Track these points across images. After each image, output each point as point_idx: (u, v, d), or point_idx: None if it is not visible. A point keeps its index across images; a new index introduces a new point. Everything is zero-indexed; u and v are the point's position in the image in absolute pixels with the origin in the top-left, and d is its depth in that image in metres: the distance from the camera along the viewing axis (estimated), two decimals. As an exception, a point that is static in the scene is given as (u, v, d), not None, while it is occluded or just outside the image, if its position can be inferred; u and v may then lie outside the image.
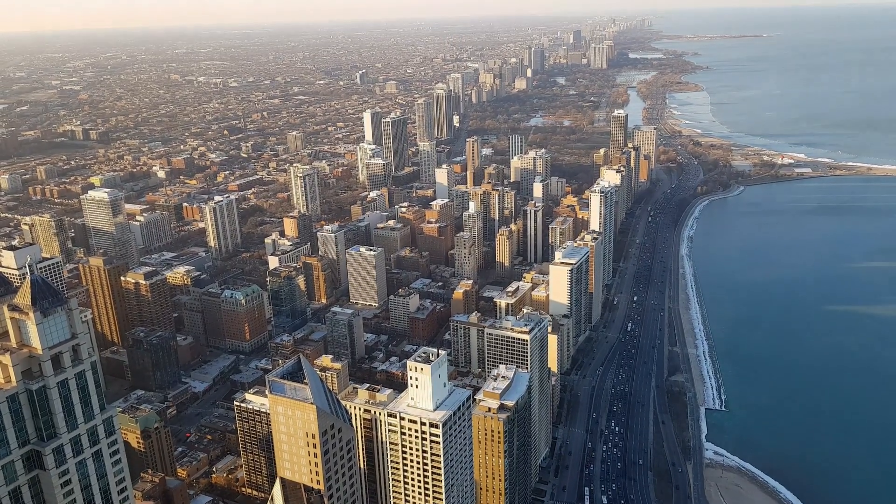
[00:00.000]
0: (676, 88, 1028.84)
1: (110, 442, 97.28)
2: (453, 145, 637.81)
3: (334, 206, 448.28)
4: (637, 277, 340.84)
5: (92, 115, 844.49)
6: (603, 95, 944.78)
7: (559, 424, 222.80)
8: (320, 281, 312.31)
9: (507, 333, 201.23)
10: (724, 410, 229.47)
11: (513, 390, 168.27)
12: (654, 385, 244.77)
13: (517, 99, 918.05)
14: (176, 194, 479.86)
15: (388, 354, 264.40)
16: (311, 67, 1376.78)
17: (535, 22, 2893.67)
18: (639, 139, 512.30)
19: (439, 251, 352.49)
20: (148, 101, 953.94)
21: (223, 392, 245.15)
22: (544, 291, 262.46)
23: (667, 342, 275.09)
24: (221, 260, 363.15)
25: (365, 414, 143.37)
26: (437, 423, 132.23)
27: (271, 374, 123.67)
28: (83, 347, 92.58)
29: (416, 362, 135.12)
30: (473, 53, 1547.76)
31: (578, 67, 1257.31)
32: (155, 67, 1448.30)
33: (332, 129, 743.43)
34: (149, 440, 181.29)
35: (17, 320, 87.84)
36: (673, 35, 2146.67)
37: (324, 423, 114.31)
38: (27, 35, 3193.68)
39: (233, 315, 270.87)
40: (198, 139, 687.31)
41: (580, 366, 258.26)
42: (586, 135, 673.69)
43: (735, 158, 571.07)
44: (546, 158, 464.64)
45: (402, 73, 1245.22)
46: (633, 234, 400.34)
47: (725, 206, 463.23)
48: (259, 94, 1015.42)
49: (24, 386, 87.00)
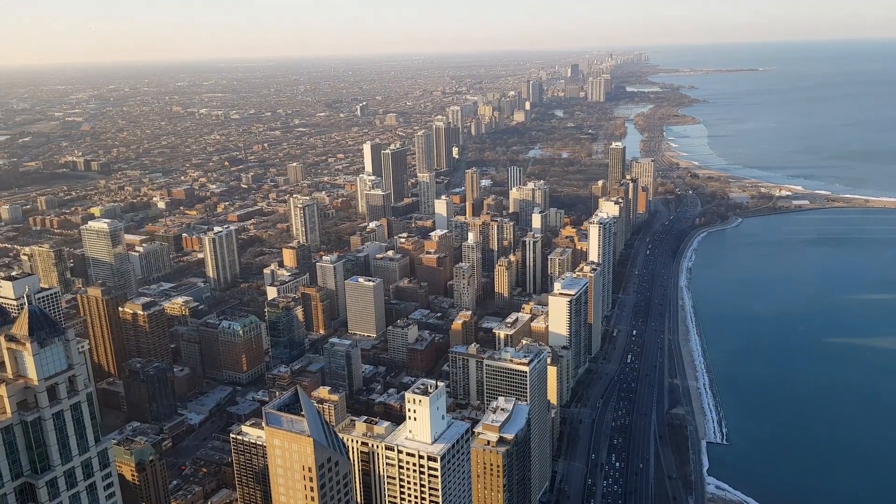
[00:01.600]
0: (673, 121, 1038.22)
1: (104, 475, 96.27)
2: (452, 176, 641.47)
3: (334, 236, 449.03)
4: (636, 309, 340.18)
5: (94, 147, 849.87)
6: (601, 128, 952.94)
7: (559, 458, 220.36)
8: (319, 311, 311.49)
9: (507, 365, 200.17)
10: (725, 444, 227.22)
11: (512, 423, 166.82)
12: (654, 418, 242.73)
13: (516, 131, 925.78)
14: (176, 225, 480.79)
15: (386, 386, 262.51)
16: (312, 100, 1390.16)
17: (534, 56, 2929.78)
18: (636, 171, 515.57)
19: (438, 282, 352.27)
20: (150, 133, 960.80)
21: (219, 424, 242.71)
22: (543, 322, 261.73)
23: (667, 374, 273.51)
24: (220, 290, 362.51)
25: (362, 447, 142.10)
26: (436, 457, 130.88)
27: (268, 406, 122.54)
28: (79, 378, 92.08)
29: (415, 394, 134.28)
30: (472, 87, 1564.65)
31: (576, 100, 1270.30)
32: (157, 99, 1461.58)
33: (333, 160, 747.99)
34: (143, 473, 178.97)
35: (14, 351, 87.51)
36: (669, 69, 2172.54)
37: (320, 457, 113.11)
38: (31, 67, 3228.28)
39: (230, 346, 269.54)
40: (198, 170, 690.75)
41: (580, 398, 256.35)
42: (584, 167, 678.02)
43: (733, 190, 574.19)
44: (544, 190, 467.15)
45: (402, 105, 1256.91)
46: (632, 265, 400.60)
47: (724, 238, 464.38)
48: (260, 125, 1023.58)
49: (19, 417, 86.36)
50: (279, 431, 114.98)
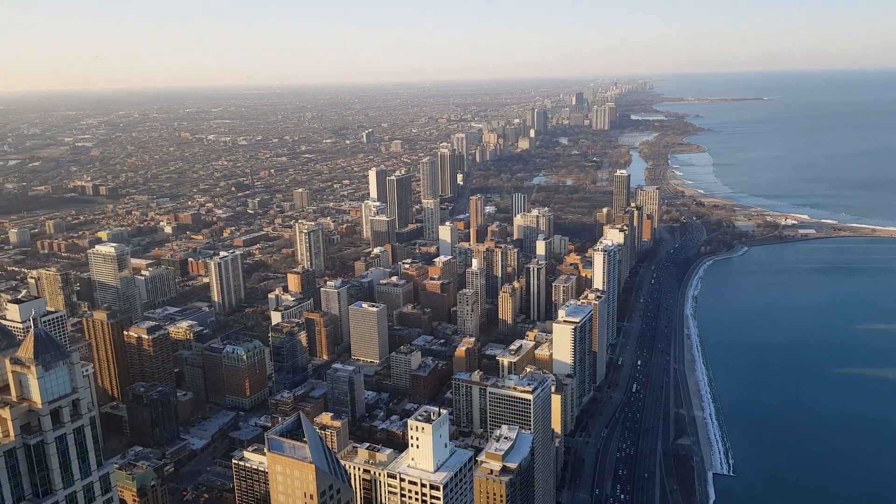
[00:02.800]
0: (678, 149, 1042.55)
1: (106, 500, 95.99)
2: (457, 203, 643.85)
3: (338, 261, 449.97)
4: (641, 337, 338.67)
5: (102, 172, 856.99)
6: (605, 156, 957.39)
7: (563, 488, 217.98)
8: (322, 337, 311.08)
9: (510, 393, 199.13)
10: (732, 475, 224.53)
11: (515, 452, 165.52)
12: (660, 448, 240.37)
13: (520, 158, 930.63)
14: (182, 249, 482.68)
15: (388, 413, 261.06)
16: (319, 127, 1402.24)
17: (538, 85, 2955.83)
18: (641, 199, 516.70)
19: (442, 308, 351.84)
20: (158, 158, 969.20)
21: (222, 449, 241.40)
22: (547, 350, 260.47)
23: (673, 404, 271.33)
24: (224, 315, 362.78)
25: (364, 474, 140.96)
26: (438, 485, 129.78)
27: (270, 432, 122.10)
28: (83, 402, 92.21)
29: (417, 421, 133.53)
30: (477, 114, 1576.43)
31: (581, 128, 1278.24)
32: (166, 126, 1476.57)
33: (338, 186, 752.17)
34: (145, 498, 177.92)
35: (18, 374, 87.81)
36: (674, 98, 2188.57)
37: (322, 484, 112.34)
38: (42, 93, 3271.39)
39: (234, 371, 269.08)
40: (205, 195, 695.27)
41: (584, 427, 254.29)
42: (589, 194, 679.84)
43: (738, 219, 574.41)
44: (549, 217, 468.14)
45: (407, 132, 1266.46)
46: (637, 293, 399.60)
47: (730, 266, 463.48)
48: (267, 152, 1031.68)
49: (22, 441, 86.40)
50: (281, 457, 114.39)
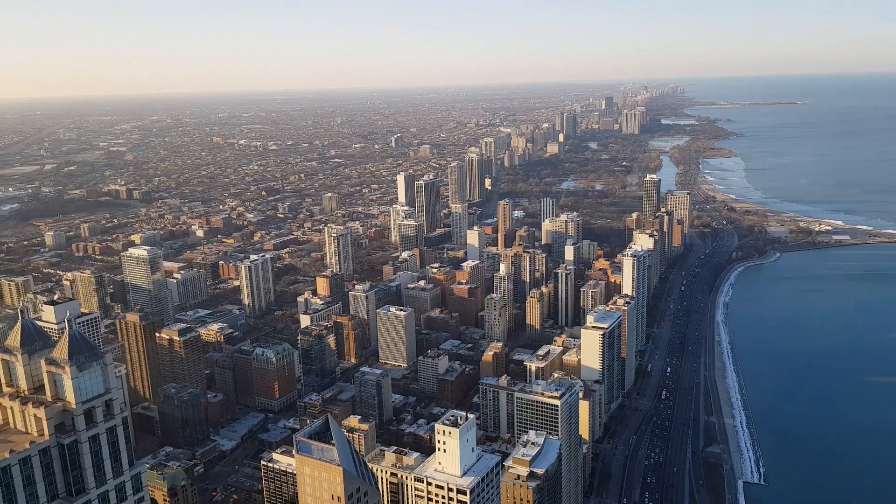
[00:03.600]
0: (710, 154, 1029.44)
1: (137, 499, 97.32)
2: (485, 207, 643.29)
3: (366, 265, 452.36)
4: (671, 344, 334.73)
5: (136, 176, 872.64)
6: (635, 160, 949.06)
7: (591, 495, 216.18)
8: (350, 340, 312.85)
9: (538, 398, 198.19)
10: (763, 484, 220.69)
11: (543, 458, 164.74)
12: (689, 456, 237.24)
13: (549, 163, 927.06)
14: (213, 252, 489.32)
15: (415, 416, 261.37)
16: (348, 132, 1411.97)
17: (568, 89, 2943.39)
18: (672, 204, 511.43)
19: (469, 312, 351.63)
20: (190, 163, 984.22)
21: (251, 451, 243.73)
22: (575, 356, 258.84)
23: (702, 411, 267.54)
24: (254, 318, 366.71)
25: (391, 477, 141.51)
26: (465, 490, 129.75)
27: (299, 434, 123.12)
28: (116, 402, 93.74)
29: (445, 426, 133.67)
30: (506, 119, 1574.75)
31: (610, 133, 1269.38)
32: (198, 130, 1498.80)
33: (367, 190, 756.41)
34: (175, 498, 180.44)
35: (53, 374, 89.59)
36: (705, 102, 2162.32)
37: (350, 486, 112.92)
38: (79, 99, 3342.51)
39: (263, 373, 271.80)
40: (236, 199, 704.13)
41: (613, 434, 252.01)
42: (618, 199, 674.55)
43: (771, 224, 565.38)
44: (577, 222, 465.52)
45: (435, 137, 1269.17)
46: (667, 299, 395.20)
47: (761, 273, 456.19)
48: (297, 156, 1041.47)
49: (57, 440, 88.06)
50: (309, 460, 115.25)
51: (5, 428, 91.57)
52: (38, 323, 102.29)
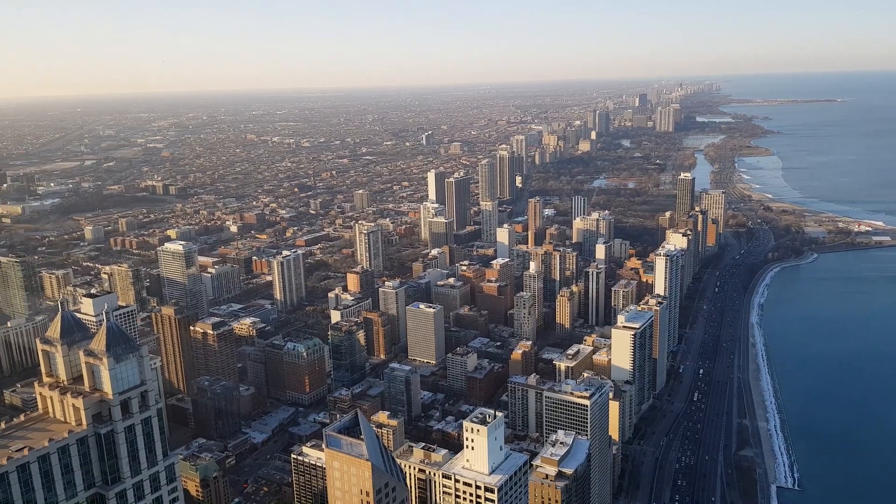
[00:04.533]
0: (746, 152, 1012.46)
1: (171, 489, 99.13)
2: (515, 205, 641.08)
3: (396, 262, 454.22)
4: (704, 345, 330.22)
5: (172, 172, 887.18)
6: (669, 158, 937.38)
7: (620, 496, 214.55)
8: (380, 336, 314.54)
9: (567, 398, 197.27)
10: (797, 490, 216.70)
11: (572, 457, 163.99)
12: (721, 459, 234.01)
13: (581, 161, 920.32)
14: (246, 248, 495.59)
15: (444, 413, 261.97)
16: (380, 129, 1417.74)
17: (601, 86, 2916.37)
18: (706, 203, 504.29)
19: (498, 310, 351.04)
20: (225, 160, 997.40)
21: (281, 444, 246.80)
22: (606, 356, 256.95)
23: (735, 414, 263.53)
24: (286, 312, 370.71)
25: (419, 474, 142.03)
26: (493, 488, 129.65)
27: (328, 429, 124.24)
28: (151, 394, 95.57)
29: (473, 423, 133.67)
30: (538, 116, 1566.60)
31: (644, 130, 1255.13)
32: (233, 128, 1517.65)
33: (398, 188, 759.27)
34: (207, 489, 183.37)
35: (91, 365, 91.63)
36: (742, 99, 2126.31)
37: (378, 481, 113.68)
38: (118, 96, 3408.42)
39: (294, 367, 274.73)
40: (269, 196, 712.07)
41: (643, 435, 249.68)
42: (651, 197, 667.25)
43: (808, 224, 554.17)
44: (609, 220, 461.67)
45: (466, 134, 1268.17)
46: (700, 299, 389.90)
47: (798, 274, 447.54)
48: (329, 153, 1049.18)
49: (94, 429, 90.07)
50: (339, 454, 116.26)
51: (45, 417, 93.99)
52: (77, 315, 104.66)
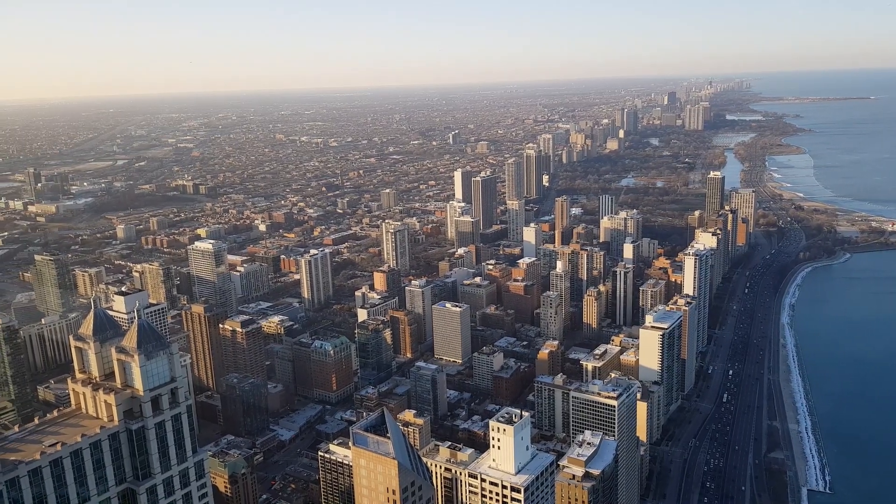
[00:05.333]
0: (777, 151, 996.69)
1: (200, 485, 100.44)
2: (542, 204, 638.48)
3: (423, 261, 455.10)
4: (734, 346, 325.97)
5: (202, 171, 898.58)
6: (698, 157, 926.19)
7: (647, 497, 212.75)
8: (406, 335, 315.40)
9: (594, 398, 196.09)
10: (828, 493, 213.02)
11: (599, 458, 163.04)
12: (750, 461, 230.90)
13: (608, 159, 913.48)
14: (275, 247, 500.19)
15: (470, 413, 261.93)
16: (407, 128, 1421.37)
17: (629, 84, 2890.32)
18: (736, 202, 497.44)
19: (525, 310, 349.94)
20: (254, 159, 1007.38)
21: (308, 441, 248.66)
22: (634, 356, 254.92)
23: (765, 416, 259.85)
24: (314, 311, 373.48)
25: (445, 472, 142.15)
26: (519, 488, 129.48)
27: (355, 426, 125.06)
28: (181, 391, 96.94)
29: (499, 423, 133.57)
30: (565, 115, 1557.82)
31: (673, 129, 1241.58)
32: (262, 127, 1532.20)
33: (424, 187, 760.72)
34: (236, 486, 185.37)
35: (123, 362, 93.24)
36: (773, 97, 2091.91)
37: (404, 480, 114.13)
38: (149, 97, 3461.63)
39: (321, 365, 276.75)
40: (298, 195, 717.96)
41: (671, 436, 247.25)
42: (680, 196, 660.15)
43: (840, 224, 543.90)
44: (637, 219, 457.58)
45: (493, 133, 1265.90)
46: (730, 300, 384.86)
47: (830, 274, 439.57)
48: (356, 153, 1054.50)
49: (125, 425, 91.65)
50: (365, 452, 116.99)
51: (77, 412, 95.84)
52: (109, 312, 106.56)
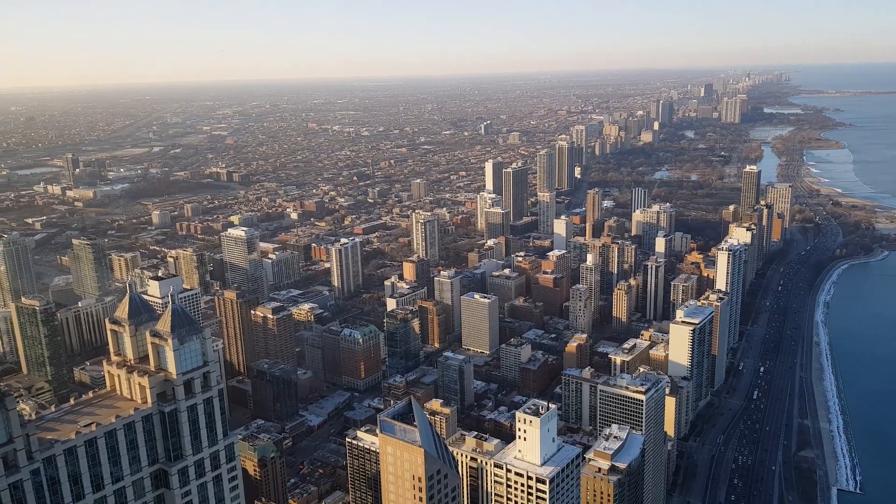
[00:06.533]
0: (815, 145, 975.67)
1: (230, 468, 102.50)
2: (573, 197, 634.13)
3: (452, 252, 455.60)
4: (766, 343, 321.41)
5: (236, 159, 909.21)
6: (734, 150, 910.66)
7: (674, 493, 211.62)
8: (434, 325, 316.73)
9: (622, 392, 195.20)
10: (859, 493, 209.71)
11: (625, 452, 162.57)
12: (780, 459, 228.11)
13: (642, 152, 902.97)
14: (306, 235, 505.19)
15: (496, 403, 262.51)
16: (438, 118, 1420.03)
17: (665, 75, 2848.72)
18: (772, 196, 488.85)
19: (554, 302, 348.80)
20: (286, 148, 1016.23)
21: (336, 427, 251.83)
22: (663, 351, 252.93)
23: (796, 414, 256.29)
24: (343, 299, 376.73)
25: (471, 462, 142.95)
26: (545, 479, 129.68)
27: (383, 414, 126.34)
28: (213, 375, 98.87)
29: (526, 414, 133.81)
30: (599, 106, 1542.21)
31: (709, 121, 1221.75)
32: (295, 116, 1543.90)
33: (455, 177, 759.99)
34: (265, 469, 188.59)
35: (157, 345, 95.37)
36: (812, 90, 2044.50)
37: (430, 468, 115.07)
38: (185, 84, 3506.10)
39: (350, 353, 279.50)
40: (329, 184, 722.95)
41: (699, 432, 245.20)
42: (715, 190, 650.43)
43: (879, 221, 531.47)
44: (670, 213, 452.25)
45: (525, 124, 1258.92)
46: (763, 296, 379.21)
47: (867, 272, 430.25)
48: (388, 142, 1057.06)
49: (158, 408, 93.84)
50: (392, 439, 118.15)
51: (112, 394, 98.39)
52: (144, 297, 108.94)
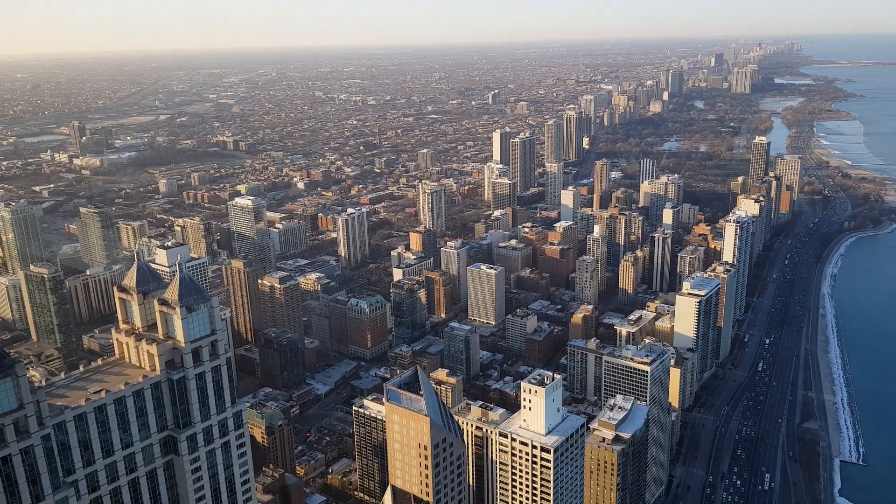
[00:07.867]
0: (826, 116, 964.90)
1: (238, 435, 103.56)
2: (581, 167, 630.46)
3: (459, 223, 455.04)
4: (772, 315, 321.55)
5: (242, 128, 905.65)
6: (744, 121, 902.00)
7: (677, 462, 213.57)
8: (441, 295, 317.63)
9: (627, 363, 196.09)
10: (861, 464, 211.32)
11: (629, 422, 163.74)
12: (783, 430, 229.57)
13: (651, 122, 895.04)
14: (313, 205, 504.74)
15: (502, 374, 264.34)
16: (446, 87, 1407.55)
17: (675, 45, 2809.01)
18: (781, 168, 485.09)
19: (560, 273, 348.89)
20: (293, 117, 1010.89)
21: (343, 396, 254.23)
22: (669, 322, 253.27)
23: (801, 386, 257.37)
24: (350, 269, 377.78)
25: (477, 431, 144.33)
26: (549, 448, 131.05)
27: (389, 383, 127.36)
28: (220, 343, 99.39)
29: (531, 384, 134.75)
30: (608, 75, 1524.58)
31: (719, 92, 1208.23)
32: (301, 85, 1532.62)
33: (462, 147, 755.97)
34: (272, 436, 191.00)
35: (165, 314, 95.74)
36: (824, 60, 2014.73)
37: (436, 436, 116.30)
38: (190, 52, 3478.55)
39: (357, 323, 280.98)
40: (336, 153, 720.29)
41: (704, 403, 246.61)
42: (723, 161, 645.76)
43: (889, 193, 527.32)
44: (678, 184, 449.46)
45: (533, 94, 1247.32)
46: (770, 268, 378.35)
47: (875, 244, 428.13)
48: (395, 112, 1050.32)
49: (167, 375, 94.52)
50: (398, 408, 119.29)
51: (121, 362, 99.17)
52: (152, 265, 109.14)
